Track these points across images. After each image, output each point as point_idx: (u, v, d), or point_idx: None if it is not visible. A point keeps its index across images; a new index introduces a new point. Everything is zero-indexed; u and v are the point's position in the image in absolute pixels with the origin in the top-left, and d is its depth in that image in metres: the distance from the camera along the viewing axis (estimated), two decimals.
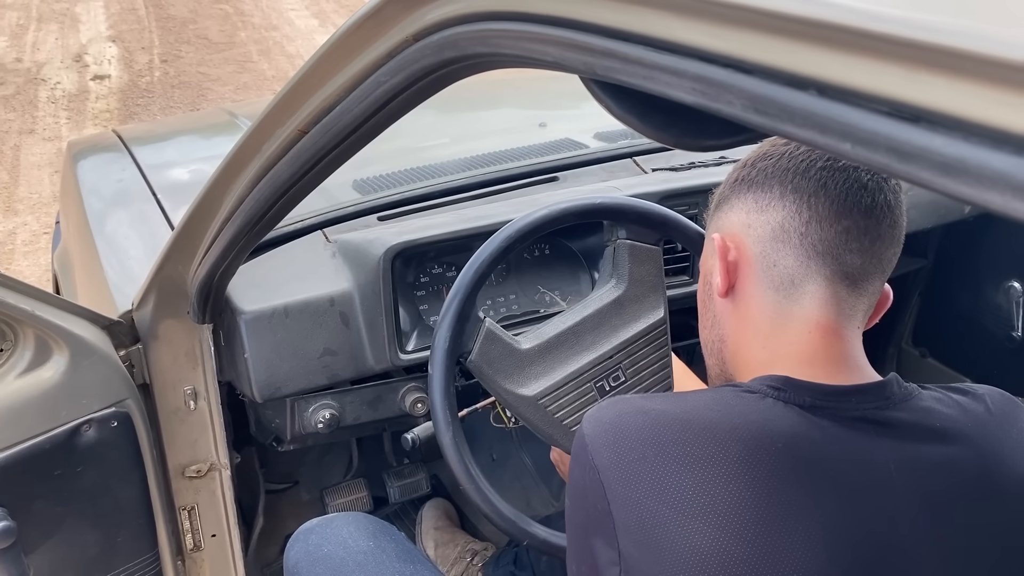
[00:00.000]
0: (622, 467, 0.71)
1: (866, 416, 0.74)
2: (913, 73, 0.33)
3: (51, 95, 5.34)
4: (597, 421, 0.75)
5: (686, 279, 1.56)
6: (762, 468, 0.69)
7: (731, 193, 0.83)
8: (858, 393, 0.75)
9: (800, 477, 0.70)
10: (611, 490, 0.71)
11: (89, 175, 2.05)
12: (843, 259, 0.76)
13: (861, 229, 0.75)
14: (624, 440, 0.72)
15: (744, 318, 0.82)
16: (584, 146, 1.84)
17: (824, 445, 0.72)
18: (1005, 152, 0.31)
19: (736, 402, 0.74)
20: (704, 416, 0.72)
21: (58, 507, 1.23)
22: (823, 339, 0.77)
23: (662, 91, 0.45)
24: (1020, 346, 1.79)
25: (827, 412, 0.73)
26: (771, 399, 0.74)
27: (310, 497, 1.90)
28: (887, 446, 0.73)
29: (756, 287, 0.80)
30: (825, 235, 0.75)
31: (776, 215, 0.77)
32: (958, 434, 0.76)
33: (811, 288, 0.77)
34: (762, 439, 0.70)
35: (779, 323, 0.79)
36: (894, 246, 0.78)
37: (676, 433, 0.71)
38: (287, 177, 0.90)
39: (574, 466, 0.76)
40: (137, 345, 1.31)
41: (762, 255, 0.79)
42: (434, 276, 1.48)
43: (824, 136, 0.37)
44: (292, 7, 7.04)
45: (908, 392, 0.78)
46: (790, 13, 0.37)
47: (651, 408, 0.73)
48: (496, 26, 0.57)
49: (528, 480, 1.97)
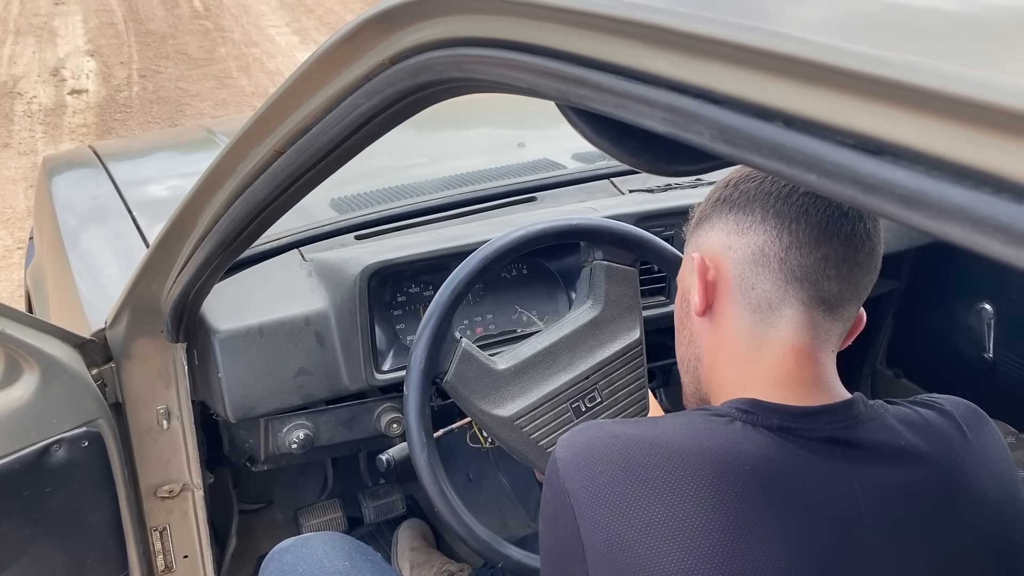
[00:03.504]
0: (592, 491, 0.71)
1: (834, 436, 0.75)
2: (876, 107, 0.34)
3: (27, 109, 5.30)
4: (569, 445, 0.75)
5: (662, 299, 1.57)
6: (730, 491, 0.70)
7: (712, 212, 0.84)
8: (825, 413, 0.76)
9: (768, 500, 0.71)
10: (581, 514, 0.71)
11: (64, 191, 2.03)
12: (821, 285, 0.76)
13: (840, 257, 0.76)
14: (595, 464, 0.72)
15: (720, 338, 0.82)
16: (562, 166, 1.85)
17: (791, 467, 0.73)
18: (965, 187, 0.31)
19: (705, 425, 0.74)
20: (673, 439, 0.73)
21: (26, 528, 1.21)
22: (797, 362, 0.78)
23: (634, 119, 0.45)
24: (992, 367, 1.81)
25: (795, 433, 0.74)
26: (739, 422, 0.74)
27: (284, 517, 1.88)
28: (854, 468, 0.74)
29: (733, 308, 0.80)
30: (804, 261, 0.76)
31: (757, 239, 0.78)
32: (923, 454, 0.77)
33: (788, 312, 0.77)
34: (730, 462, 0.71)
35: (754, 345, 0.79)
36: (871, 273, 0.79)
37: (645, 457, 0.71)
38: (263, 197, 0.90)
39: (546, 490, 0.77)
40: (110, 364, 1.30)
41: (741, 277, 0.79)
42: (411, 295, 1.48)
43: (790, 167, 0.37)
44: (272, 24, 7.04)
45: (874, 411, 0.79)
46: (757, 47, 0.37)
47: (622, 432, 0.74)
48: (472, 52, 0.58)
49: (505, 501, 1.97)
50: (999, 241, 0.31)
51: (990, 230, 0.31)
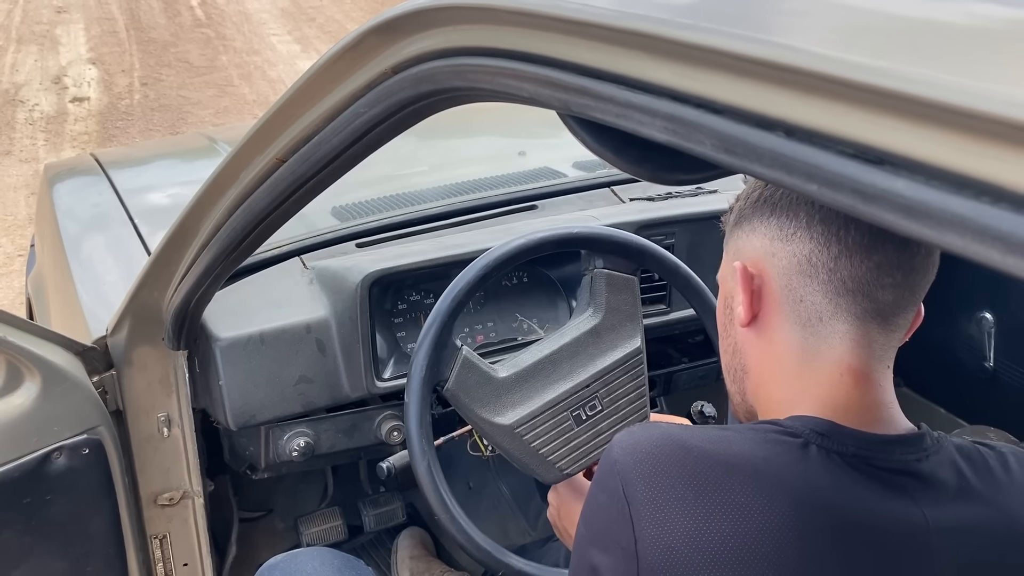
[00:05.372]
0: (657, 505, 0.66)
1: (905, 469, 0.71)
2: (877, 118, 0.34)
3: (29, 117, 5.31)
4: (632, 449, 0.69)
5: (663, 308, 1.57)
6: (808, 524, 0.65)
7: (752, 213, 0.77)
8: (901, 444, 0.72)
9: (843, 535, 0.67)
10: (641, 528, 0.66)
11: (65, 198, 2.04)
12: (875, 296, 0.70)
13: (894, 263, 0.70)
14: (662, 476, 0.67)
15: (768, 352, 0.77)
16: (563, 175, 1.85)
17: (867, 501, 0.69)
18: (965, 197, 0.31)
19: (782, 449, 0.69)
20: (749, 462, 0.67)
21: (26, 536, 1.21)
22: (856, 385, 0.72)
23: (635, 129, 0.46)
24: (992, 376, 1.81)
25: (868, 462, 0.70)
26: (815, 446, 0.69)
27: (284, 526, 1.88)
28: (922, 503, 0.70)
29: (781, 321, 0.75)
30: (856, 271, 0.70)
31: (803, 246, 0.72)
32: (982, 493, 0.73)
33: (841, 328, 0.72)
34: (808, 493, 0.67)
35: (806, 361, 0.74)
36: (929, 275, 0.73)
37: (719, 477, 0.66)
38: (264, 205, 0.90)
39: (598, 492, 0.71)
40: (111, 371, 1.30)
41: (787, 288, 0.74)
42: (412, 303, 1.48)
43: (791, 176, 0.37)
44: (274, 32, 7.06)
45: (939, 443, 0.74)
46: (759, 57, 0.37)
47: (693, 445, 0.68)
48: (473, 61, 0.58)
49: (505, 509, 1.96)
50: (999, 251, 0.31)
51: (990, 240, 0.31)
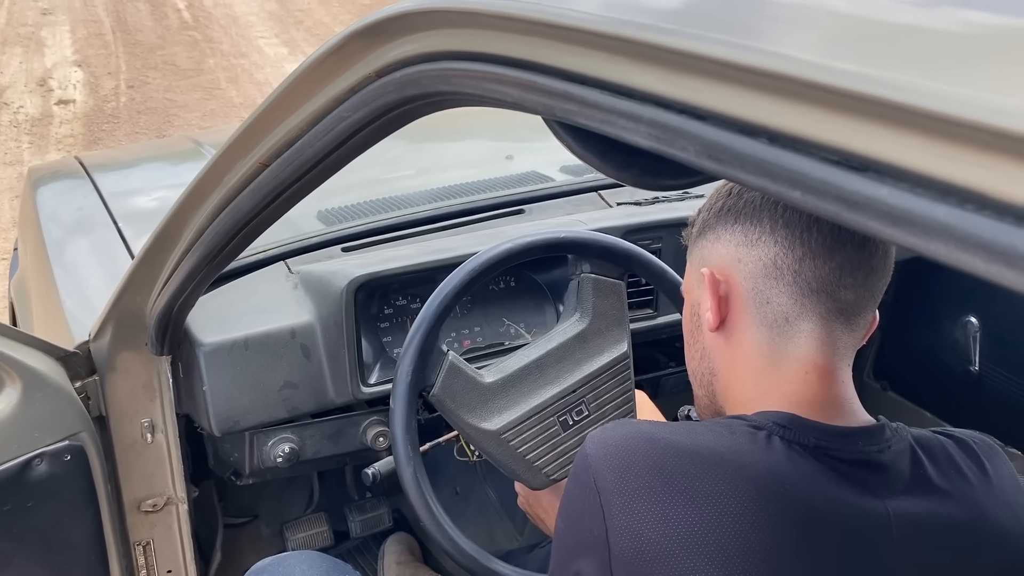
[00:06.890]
0: (625, 494, 0.69)
1: (866, 460, 0.74)
2: (860, 125, 0.34)
3: (13, 119, 5.27)
4: (603, 443, 0.72)
5: (649, 312, 1.57)
6: (770, 511, 0.68)
7: (716, 222, 0.80)
8: (861, 435, 0.75)
9: (804, 522, 0.69)
10: (611, 516, 0.69)
11: (49, 202, 2.02)
12: (838, 295, 0.74)
13: (854, 264, 0.74)
14: (630, 466, 0.70)
15: (736, 354, 0.80)
16: (550, 179, 1.85)
17: (828, 490, 0.71)
18: (949, 204, 0.31)
19: (745, 440, 0.72)
20: (714, 451, 0.70)
21: (7, 544, 1.20)
22: (820, 381, 0.76)
23: (619, 135, 0.45)
24: (977, 380, 1.82)
25: (830, 454, 0.73)
26: (777, 437, 0.72)
27: (270, 531, 1.87)
28: (883, 493, 0.73)
29: (749, 323, 0.78)
30: (819, 272, 0.74)
31: (768, 250, 0.76)
32: (943, 483, 0.76)
33: (807, 327, 0.75)
34: (770, 482, 0.69)
35: (773, 361, 0.77)
36: (885, 276, 0.77)
37: (685, 466, 0.69)
38: (248, 209, 0.89)
39: (572, 486, 0.74)
40: (93, 377, 1.29)
41: (754, 291, 0.77)
42: (398, 308, 1.47)
43: (775, 183, 0.37)
44: (261, 35, 7.03)
45: (899, 436, 0.77)
46: (742, 63, 0.37)
47: (660, 437, 0.71)
48: (458, 66, 0.58)
49: (492, 514, 1.96)
50: (982, 259, 0.31)
51: (973, 247, 0.31)
